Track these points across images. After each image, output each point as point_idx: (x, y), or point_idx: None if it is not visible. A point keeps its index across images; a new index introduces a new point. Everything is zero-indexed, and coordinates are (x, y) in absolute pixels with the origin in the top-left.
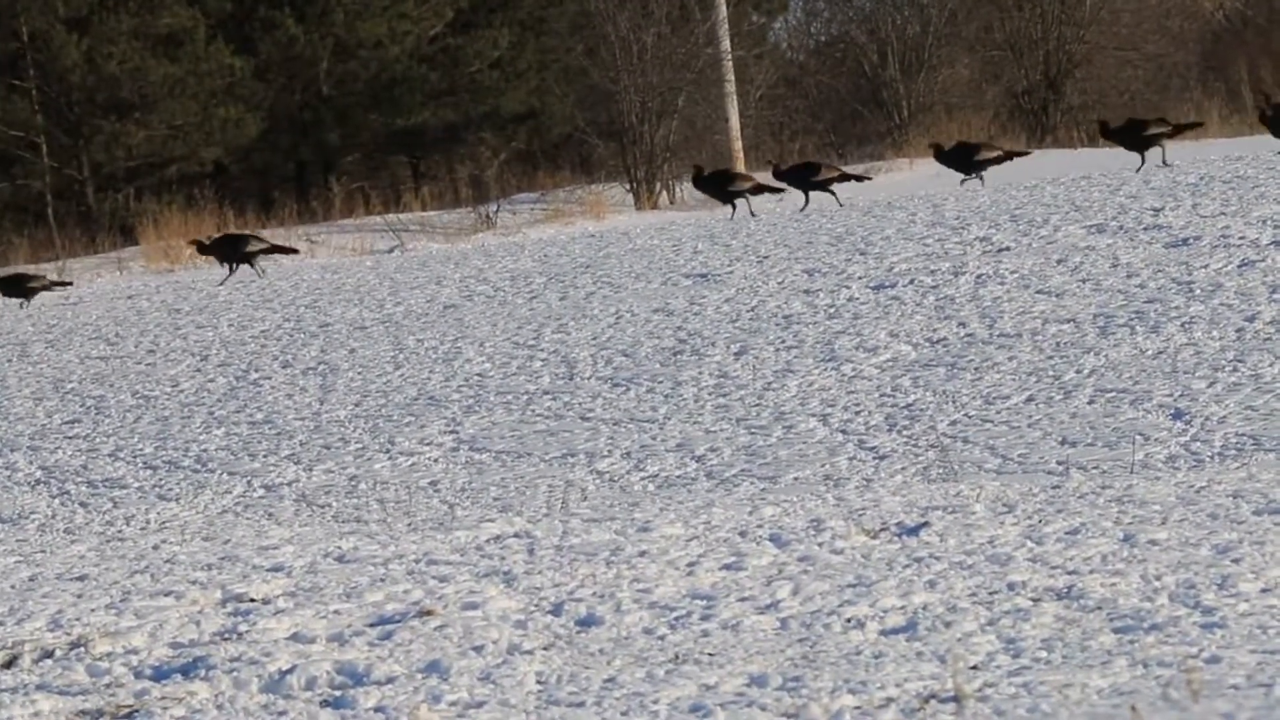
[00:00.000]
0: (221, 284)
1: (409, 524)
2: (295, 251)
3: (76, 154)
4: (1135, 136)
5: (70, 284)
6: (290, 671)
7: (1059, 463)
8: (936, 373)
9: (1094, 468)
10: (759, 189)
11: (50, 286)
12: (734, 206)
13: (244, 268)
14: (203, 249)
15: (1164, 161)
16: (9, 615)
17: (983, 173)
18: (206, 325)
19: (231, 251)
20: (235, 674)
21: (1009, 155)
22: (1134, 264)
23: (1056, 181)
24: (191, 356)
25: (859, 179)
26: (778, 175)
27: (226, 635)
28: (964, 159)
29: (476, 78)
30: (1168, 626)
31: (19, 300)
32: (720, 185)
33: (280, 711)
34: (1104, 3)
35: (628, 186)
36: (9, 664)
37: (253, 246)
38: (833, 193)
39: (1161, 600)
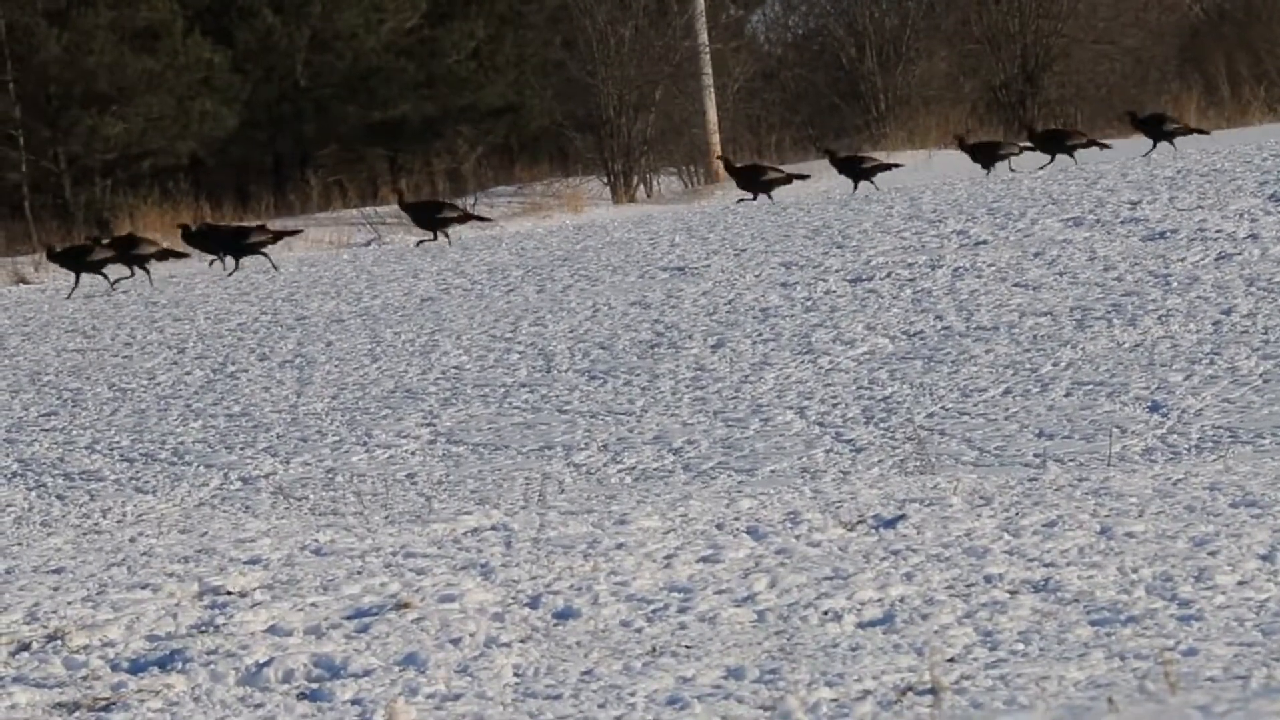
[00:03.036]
0: (215, 271)
1: (386, 517)
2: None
3: (54, 146)
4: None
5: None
6: (267, 664)
7: (1036, 455)
8: (914, 365)
9: (1071, 460)
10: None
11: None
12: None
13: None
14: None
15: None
16: None
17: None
18: (183, 318)
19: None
20: (212, 666)
21: (789, 178)
22: (1111, 257)
23: (1033, 174)
24: (168, 349)
25: (801, 178)
26: (728, 169)
27: (203, 628)
28: (753, 179)
29: (454, 70)
30: (1145, 619)
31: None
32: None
33: (257, 704)
34: None
35: (605, 180)
36: None
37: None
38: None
39: (1138, 593)
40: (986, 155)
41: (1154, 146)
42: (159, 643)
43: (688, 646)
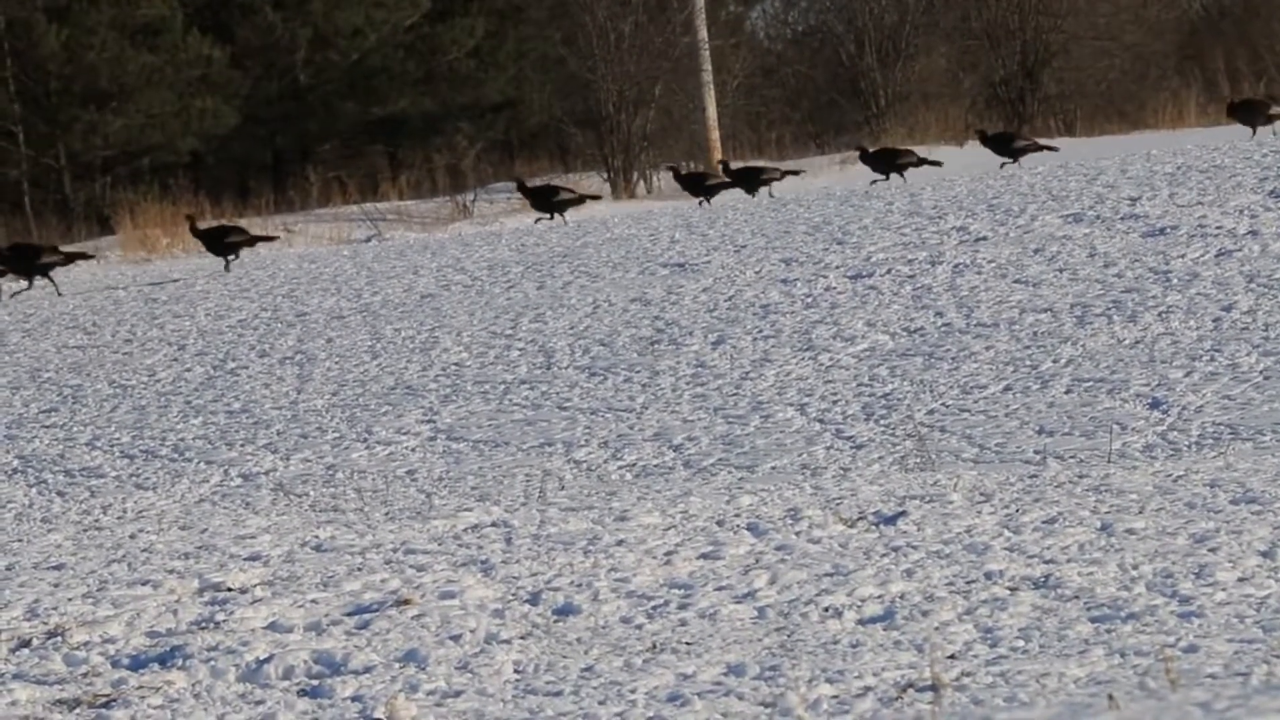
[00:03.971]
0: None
1: (386, 513)
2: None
3: (54, 143)
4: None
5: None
6: (267, 660)
7: (1036, 452)
8: (914, 362)
9: (1071, 457)
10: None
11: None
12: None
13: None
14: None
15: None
16: None
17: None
18: (184, 314)
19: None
20: (212, 663)
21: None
22: (1111, 253)
23: (1033, 171)
24: (169, 346)
25: (794, 173)
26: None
27: (204, 624)
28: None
29: (454, 67)
30: (1145, 616)
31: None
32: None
33: (257, 700)
34: None
35: (605, 176)
36: None
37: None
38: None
39: (1139, 589)
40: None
41: (1003, 164)
42: (159, 639)
43: (688, 643)
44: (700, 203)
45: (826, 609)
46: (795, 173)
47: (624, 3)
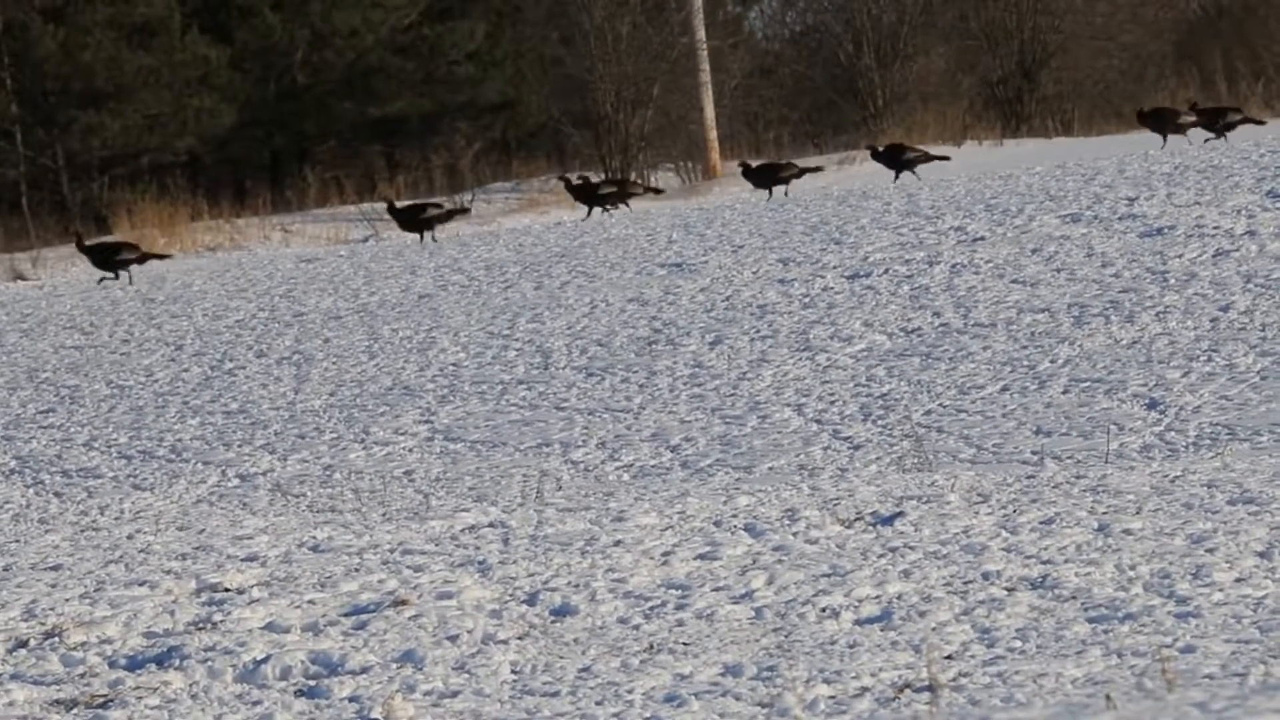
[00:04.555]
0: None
1: (384, 514)
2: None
3: (51, 143)
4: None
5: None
6: (265, 661)
7: (1034, 452)
8: (911, 362)
9: (1069, 457)
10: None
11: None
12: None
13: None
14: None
15: None
16: None
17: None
18: (181, 315)
19: None
20: (210, 663)
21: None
22: (1109, 253)
23: (1031, 171)
24: (166, 346)
25: (815, 169)
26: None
27: (201, 625)
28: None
29: (452, 68)
30: (1142, 616)
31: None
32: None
33: (255, 701)
34: None
35: (603, 176)
36: None
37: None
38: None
39: (1136, 590)
40: (766, 177)
41: (896, 177)
42: (157, 640)
43: (685, 644)
44: (606, 211)
45: (824, 609)
46: (815, 169)
47: (622, 3)
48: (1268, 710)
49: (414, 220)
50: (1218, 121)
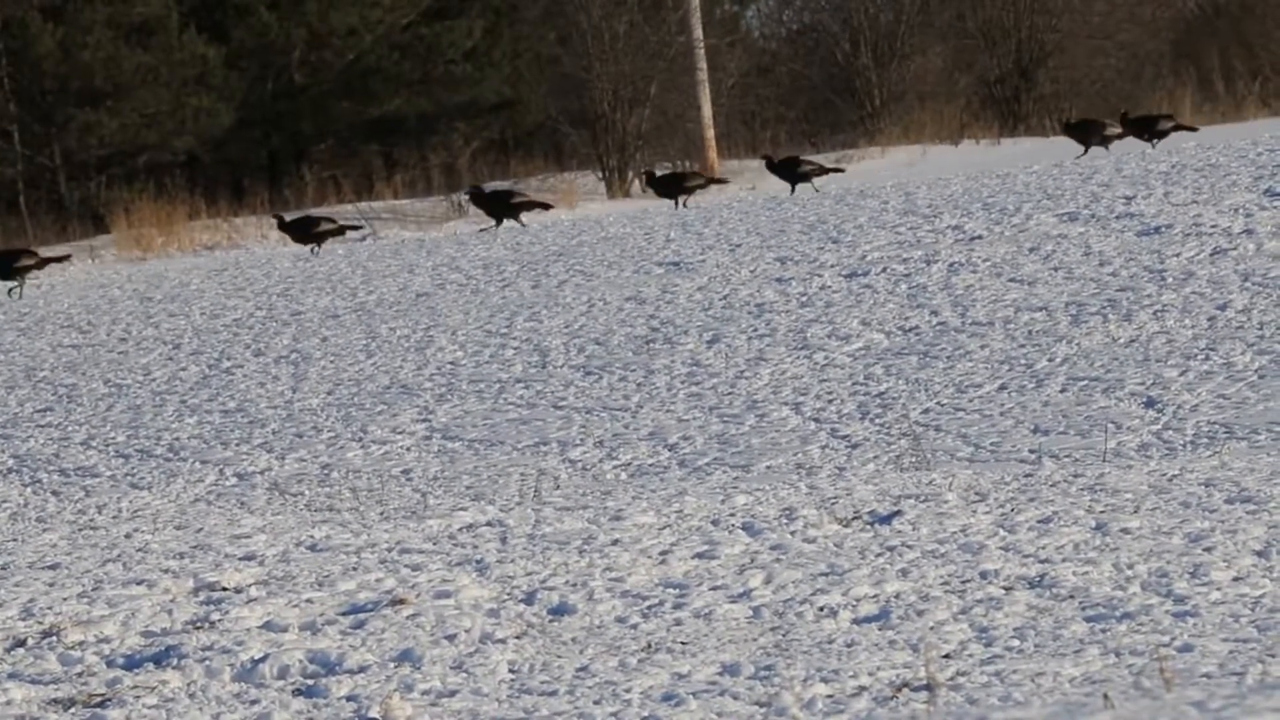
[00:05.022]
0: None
1: (381, 512)
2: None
3: (49, 142)
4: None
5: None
6: (262, 660)
7: (1031, 451)
8: (909, 361)
9: (1066, 456)
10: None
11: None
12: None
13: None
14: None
15: None
16: None
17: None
18: (178, 313)
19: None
20: (207, 663)
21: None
22: (1106, 252)
23: (1028, 170)
24: (163, 345)
25: (837, 170)
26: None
27: (199, 624)
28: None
29: (449, 67)
30: (1140, 615)
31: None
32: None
33: (252, 700)
34: None
35: (600, 175)
36: None
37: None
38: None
39: (1134, 589)
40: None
41: (793, 190)
42: (154, 639)
43: (683, 643)
44: (505, 223)
45: (821, 608)
46: (837, 170)
47: (619, 2)
48: (1265, 709)
49: (305, 234)
50: (1147, 130)
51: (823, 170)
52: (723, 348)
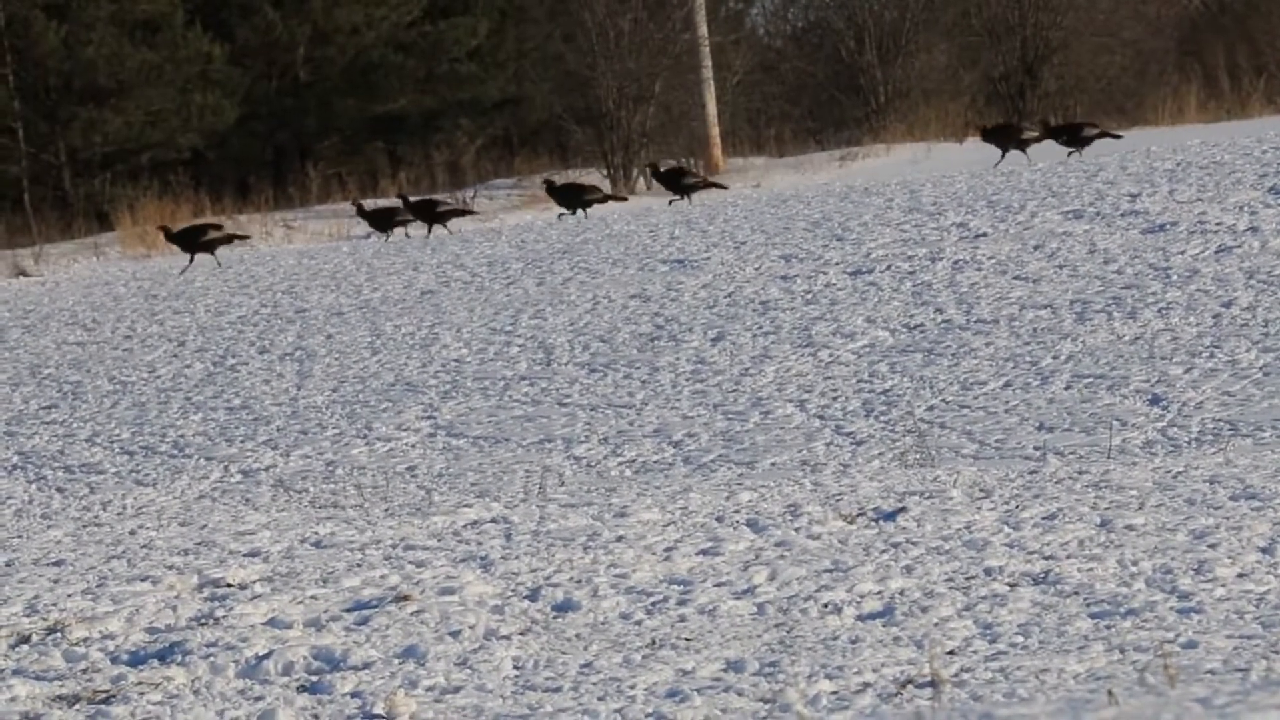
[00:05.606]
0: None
1: (386, 509)
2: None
3: (53, 140)
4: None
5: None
6: (267, 656)
7: (1036, 448)
8: (914, 358)
9: (1071, 453)
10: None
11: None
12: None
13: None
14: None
15: None
16: None
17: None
18: (183, 311)
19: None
20: (212, 659)
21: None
22: (1111, 250)
23: (1033, 167)
24: (168, 342)
25: (719, 186)
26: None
27: (203, 620)
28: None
29: (454, 65)
30: (1144, 612)
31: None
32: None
33: (257, 696)
34: None
35: (605, 172)
36: None
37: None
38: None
39: (1138, 585)
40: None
41: (670, 201)
42: (159, 635)
43: (687, 639)
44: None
45: (826, 605)
46: (721, 186)
47: None
48: (1270, 706)
49: (192, 242)
50: (1067, 135)
51: (706, 184)
52: (727, 345)
